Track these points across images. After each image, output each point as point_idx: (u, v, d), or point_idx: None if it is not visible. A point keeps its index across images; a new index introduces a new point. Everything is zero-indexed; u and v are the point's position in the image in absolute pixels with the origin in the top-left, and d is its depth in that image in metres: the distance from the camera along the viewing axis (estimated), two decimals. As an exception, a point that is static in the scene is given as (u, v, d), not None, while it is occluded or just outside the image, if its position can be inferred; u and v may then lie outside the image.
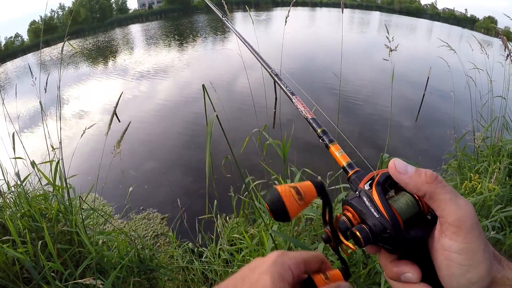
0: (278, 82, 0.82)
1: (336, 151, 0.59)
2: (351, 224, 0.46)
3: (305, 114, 0.70)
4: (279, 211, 0.44)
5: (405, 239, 0.43)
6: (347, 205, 0.48)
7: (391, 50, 2.03)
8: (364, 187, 0.48)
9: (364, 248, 0.46)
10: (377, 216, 0.43)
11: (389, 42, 2.04)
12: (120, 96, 1.55)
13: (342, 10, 1.94)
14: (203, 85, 1.17)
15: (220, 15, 1.35)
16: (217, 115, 1.07)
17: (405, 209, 0.45)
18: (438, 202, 0.42)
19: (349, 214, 0.47)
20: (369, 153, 5.24)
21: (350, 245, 0.46)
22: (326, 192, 0.47)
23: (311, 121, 0.68)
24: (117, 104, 1.49)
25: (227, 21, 1.30)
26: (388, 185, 0.47)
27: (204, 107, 1.20)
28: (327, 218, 0.49)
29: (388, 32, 2.08)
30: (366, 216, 0.45)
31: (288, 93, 0.78)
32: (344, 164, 0.57)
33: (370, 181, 0.48)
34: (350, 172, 0.55)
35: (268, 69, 0.89)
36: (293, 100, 0.75)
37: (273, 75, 0.87)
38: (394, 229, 0.42)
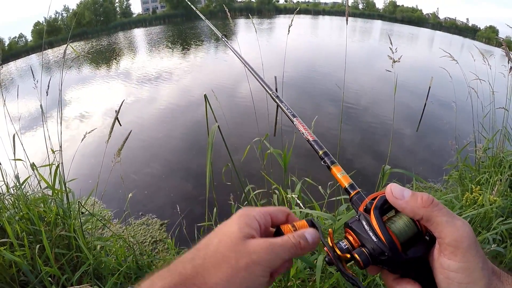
0: (279, 104, 0.83)
1: (338, 173, 0.60)
2: (352, 247, 0.48)
3: (306, 136, 0.70)
4: None
5: (403, 260, 0.45)
6: (348, 228, 0.50)
7: (394, 61, 2.02)
8: (363, 211, 0.49)
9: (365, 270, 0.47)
10: (375, 240, 0.45)
11: (392, 53, 2.04)
12: (122, 104, 1.55)
13: (347, 20, 1.94)
14: (205, 95, 1.17)
15: (220, 36, 1.38)
16: (218, 126, 1.07)
17: (403, 231, 0.46)
18: (435, 225, 0.43)
19: (350, 237, 0.49)
20: (370, 162, 5.24)
21: (347, 255, 0.47)
22: (316, 226, 0.52)
23: (312, 143, 0.68)
24: (118, 111, 1.48)
25: (227, 42, 1.32)
26: (387, 207, 0.49)
27: (206, 117, 1.20)
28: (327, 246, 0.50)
29: (391, 43, 2.07)
30: (365, 240, 0.47)
31: (289, 115, 0.77)
32: (346, 185, 0.57)
33: (369, 204, 0.50)
34: (352, 193, 0.55)
35: (269, 91, 0.90)
36: (295, 122, 0.75)
37: (274, 97, 0.87)
38: (392, 252, 0.44)
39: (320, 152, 0.65)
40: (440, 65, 3.34)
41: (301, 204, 1.74)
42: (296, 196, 1.83)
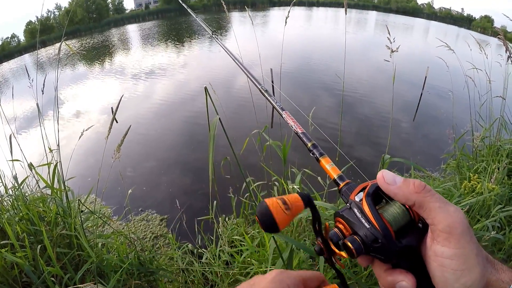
0: (268, 98, 0.83)
1: (327, 164, 0.60)
2: (343, 236, 0.47)
3: (295, 129, 0.71)
4: (268, 222, 0.44)
5: (397, 248, 0.44)
6: (338, 217, 0.49)
7: (392, 51, 2.02)
8: (354, 199, 0.48)
9: (356, 259, 0.47)
10: (368, 227, 0.44)
11: (390, 43, 2.03)
12: (121, 99, 1.53)
13: (346, 11, 1.93)
14: (205, 88, 1.17)
15: (210, 32, 1.38)
16: (219, 118, 1.06)
17: (396, 218, 0.45)
18: (428, 211, 0.43)
19: (341, 226, 0.48)
20: (367, 152, 5.26)
21: (343, 253, 0.47)
22: (313, 204, 0.48)
23: (301, 135, 0.69)
24: (117, 107, 1.47)
25: (217, 39, 1.32)
26: (379, 195, 0.48)
27: (206, 109, 1.19)
28: (317, 228, 0.49)
29: (389, 33, 2.07)
30: (357, 227, 0.45)
31: (278, 109, 0.78)
32: (335, 176, 0.57)
33: (360, 192, 0.49)
34: (341, 184, 0.55)
35: (258, 85, 0.90)
36: (284, 116, 0.75)
37: (263, 91, 0.87)
38: (385, 239, 0.43)
39: (309, 144, 0.66)
40: (436, 55, 3.33)
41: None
42: (298, 187, 1.83)
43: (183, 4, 2.14)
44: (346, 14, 1.93)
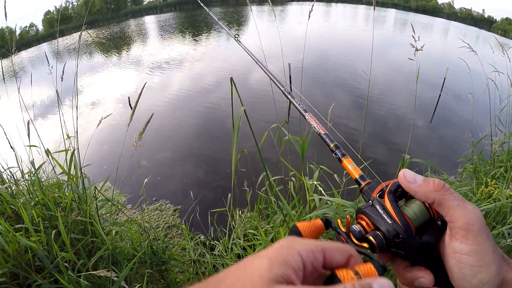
0: (292, 100, 0.85)
1: (349, 164, 0.62)
2: (365, 232, 0.48)
3: (318, 130, 0.73)
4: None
5: (417, 244, 0.46)
6: (361, 214, 0.50)
7: (416, 50, 1.99)
8: (376, 196, 0.51)
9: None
10: (390, 222, 0.46)
11: (415, 41, 2.00)
12: (144, 86, 1.54)
13: (374, 8, 1.92)
14: (231, 78, 1.17)
15: (232, 36, 1.40)
16: (244, 110, 1.06)
17: (416, 216, 0.47)
18: (447, 208, 0.45)
19: (363, 222, 0.49)
20: (382, 152, 5.20)
21: (365, 244, 0.47)
22: (331, 224, 0.48)
23: (324, 136, 0.71)
24: (140, 93, 1.48)
25: (239, 43, 1.34)
26: (399, 195, 0.50)
27: (231, 100, 1.19)
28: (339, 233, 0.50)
29: (414, 31, 2.04)
30: (379, 223, 0.47)
31: (301, 110, 0.80)
32: (357, 176, 0.59)
33: (381, 191, 0.51)
34: (363, 184, 0.57)
35: (281, 87, 0.92)
36: (307, 117, 0.77)
37: (286, 94, 0.90)
38: (406, 234, 0.45)
39: (331, 145, 0.68)
40: (457, 56, 3.27)
41: (322, 191, 1.73)
42: (318, 183, 1.82)
43: (205, 8, 2.15)
44: (374, 10, 1.91)
